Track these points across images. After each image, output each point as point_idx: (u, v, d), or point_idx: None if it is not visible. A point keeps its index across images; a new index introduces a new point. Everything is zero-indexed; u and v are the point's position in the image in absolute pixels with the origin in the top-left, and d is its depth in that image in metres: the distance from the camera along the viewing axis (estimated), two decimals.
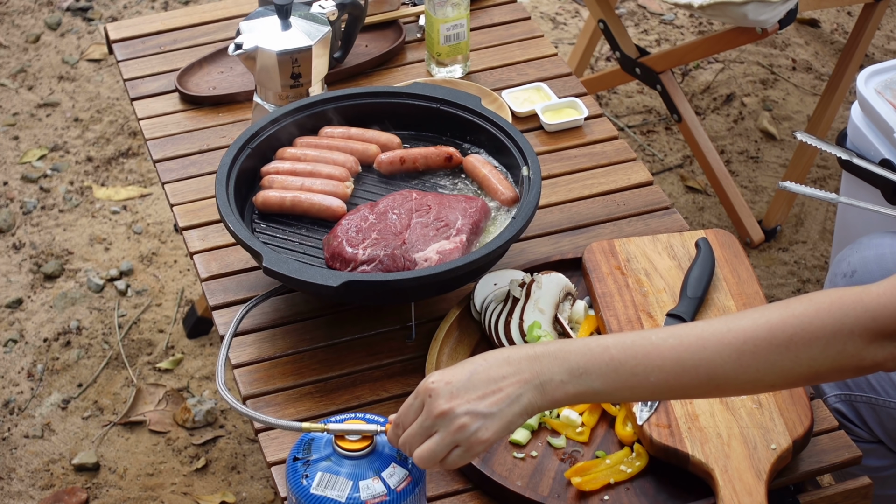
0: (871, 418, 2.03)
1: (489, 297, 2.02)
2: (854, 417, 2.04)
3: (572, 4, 4.14)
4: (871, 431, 2.05)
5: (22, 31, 4.05)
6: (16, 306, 3.19)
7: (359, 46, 2.60)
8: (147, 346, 3.09)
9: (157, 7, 4.15)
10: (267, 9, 2.33)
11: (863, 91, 2.63)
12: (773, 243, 3.34)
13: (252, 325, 2.07)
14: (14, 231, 3.39)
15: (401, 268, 1.99)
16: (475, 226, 2.06)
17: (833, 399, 2.04)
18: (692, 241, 2.09)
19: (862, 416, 2.04)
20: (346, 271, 1.97)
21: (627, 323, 1.96)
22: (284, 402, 1.96)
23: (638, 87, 3.82)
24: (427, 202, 2.09)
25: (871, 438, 2.06)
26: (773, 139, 3.64)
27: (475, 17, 2.67)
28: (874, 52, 3.92)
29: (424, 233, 2.04)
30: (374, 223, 2.05)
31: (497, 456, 1.85)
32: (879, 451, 2.07)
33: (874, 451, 2.06)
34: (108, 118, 3.72)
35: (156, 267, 3.28)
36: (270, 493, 2.78)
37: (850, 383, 2.02)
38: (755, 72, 3.86)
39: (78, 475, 2.83)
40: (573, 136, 2.41)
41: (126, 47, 2.65)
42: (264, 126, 2.19)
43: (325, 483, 1.64)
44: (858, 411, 2.03)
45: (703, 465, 1.77)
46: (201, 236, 2.23)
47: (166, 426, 2.92)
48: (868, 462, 2.06)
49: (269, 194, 2.11)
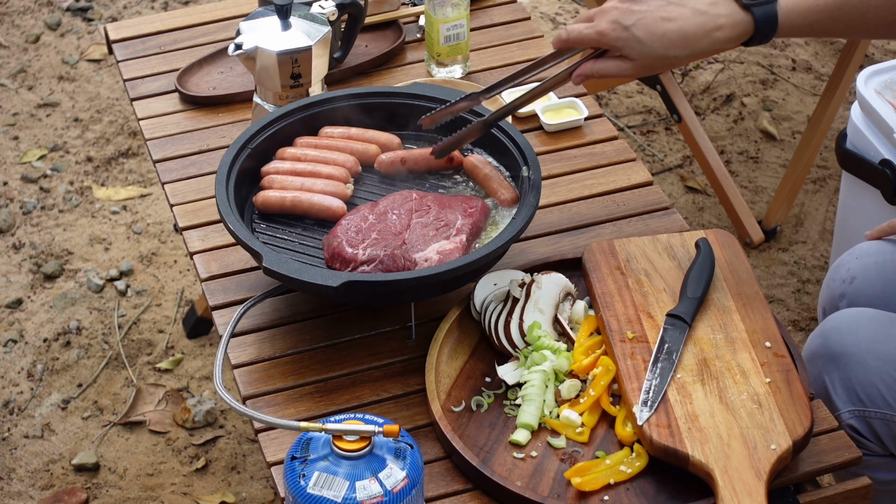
0: (885, 434, 2.03)
1: (489, 297, 2.02)
2: (868, 433, 2.03)
3: (572, 4, 4.14)
4: (885, 446, 2.05)
5: (22, 31, 4.05)
6: (16, 306, 3.19)
7: (359, 46, 2.60)
8: (147, 346, 3.09)
9: (157, 7, 4.15)
10: (267, 9, 2.33)
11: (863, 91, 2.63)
12: (772, 243, 3.34)
13: (252, 325, 2.07)
14: (14, 231, 3.39)
15: (401, 268, 1.99)
16: (475, 226, 2.06)
17: (847, 415, 2.04)
18: (692, 241, 2.09)
19: (875, 432, 2.03)
20: (347, 271, 1.97)
21: (627, 323, 1.96)
22: (284, 402, 1.96)
23: (638, 87, 3.82)
24: (427, 202, 2.09)
25: (883, 452, 2.05)
26: (773, 139, 3.64)
27: (475, 17, 2.67)
28: (874, 52, 3.92)
29: (424, 233, 2.04)
30: (374, 223, 2.05)
31: (497, 456, 1.85)
32: (892, 465, 2.07)
33: (886, 464, 2.06)
34: (108, 118, 3.72)
35: (156, 267, 3.28)
36: (270, 493, 2.78)
37: (864, 399, 2.01)
38: (755, 72, 3.86)
39: (78, 475, 2.83)
40: (573, 136, 2.41)
41: (126, 47, 2.65)
42: (264, 126, 2.19)
43: (321, 483, 1.64)
44: (872, 427, 2.03)
45: (703, 466, 1.77)
46: (201, 236, 2.23)
47: (166, 426, 2.92)
48: (880, 476, 2.05)
49: (270, 194, 2.11)
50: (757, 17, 1.86)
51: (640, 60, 1.89)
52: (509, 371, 1.95)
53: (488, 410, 1.92)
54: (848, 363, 2.03)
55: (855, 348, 2.03)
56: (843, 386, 2.03)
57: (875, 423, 2.02)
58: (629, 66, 1.90)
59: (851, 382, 2.02)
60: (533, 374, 1.92)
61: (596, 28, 1.89)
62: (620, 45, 1.87)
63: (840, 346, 2.05)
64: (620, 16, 1.87)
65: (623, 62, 1.90)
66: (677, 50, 1.87)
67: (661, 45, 1.86)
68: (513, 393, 1.94)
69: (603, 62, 1.92)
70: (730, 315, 1.97)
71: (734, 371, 1.88)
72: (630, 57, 1.89)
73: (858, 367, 2.02)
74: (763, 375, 1.88)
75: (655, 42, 1.86)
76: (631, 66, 1.90)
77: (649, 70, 1.90)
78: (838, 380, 2.03)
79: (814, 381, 2.07)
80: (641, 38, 1.86)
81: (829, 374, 2.04)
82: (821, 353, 2.06)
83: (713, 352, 1.91)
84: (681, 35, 1.86)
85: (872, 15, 1.85)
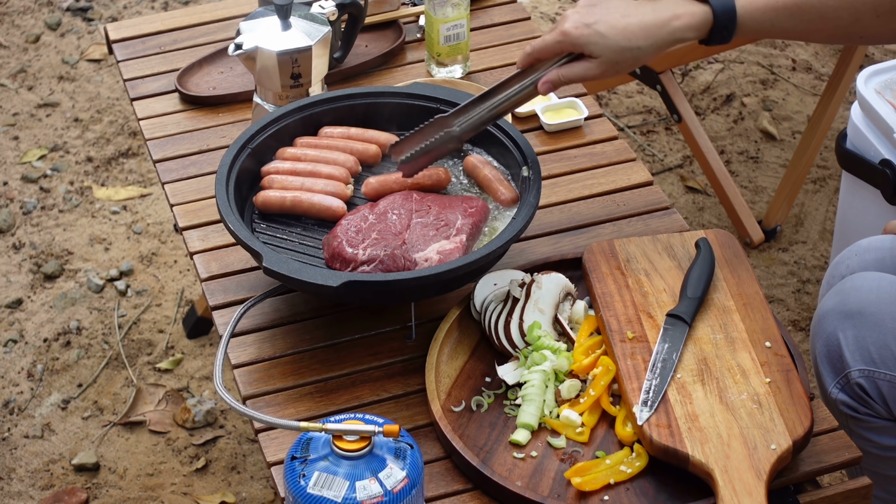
0: (891, 397, 2.04)
1: (489, 297, 2.02)
2: (875, 394, 2.04)
3: (572, 5, 4.14)
4: (889, 410, 2.05)
5: (22, 31, 4.05)
6: (16, 306, 3.19)
7: (359, 46, 2.60)
8: (147, 346, 3.09)
9: (157, 7, 4.15)
10: (267, 9, 2.33)
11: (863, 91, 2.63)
12: (772, 243, 3.34)
13: (252, 325, 2.07)
14: (14, 231, 3.39)
15: (401, 268, 1.99)
16: (475, 226, 2.06)
17: (856, 374, 2.04)
18: (692, 241, 2.09)
19: (882, 394, 2.04)
20: (347, 271, 1.97)
21: (627, 323, 1.96)
22: (284, 402, 1.96)
23: (638, 87, 3.82)
24: (427, 202, 2.09)
25: (887, 416, 2.06)
26: (773, 139, 3.64)
27: (475, 17, 2.67)
28: (874, 52, 3.92)
29: (424, 233, 2.04)
30: (374, 223, 2.05)
31: (497, 456, 1.85)
32: (894, 430, 2.08)
33: (889, 429, 2.07)
34: (108, 118, 3.72)
35: (156, 267, 3.28)
36: (270, 493, 2.78)
37: (876, 360, 2.02)
38: (755, 72, 3.86)
39: (78, 475, 2.83)
40: (573, 136, 2.41)
41: (126, 47, 2.65)
42: (264, 126, 2.19)
43: (321, 483, 1.64)
44: (879, 388, 2.03)
45: (703, 466, 1.77)
46: (201, 236, 2.23)
47: (166, 426, 2.92)
48: (882, 440, 2.06)
49: (270, 194, 2.11)
50: (715, 8, 1.95)
51: (604, 56, 1.96)
52: (509, 371, 1.95)
53: (488, 410, 1.92)
54: (865, 322, 2.04)
55: (874, 308, 2.05)
56: (856, 344, 2.04)
57: (883, 386, 2.03)
58: (594, 64, 1.97)
59: (866, 342, 2.03)
60: (533, 374, 1.92)
61: (559, 29, 1.97)
62: (584, 41, 1.95)
63: (858, 304, 2.06)
64: (582, 17, 1.96)
65: (588, 62, 1.98)
66: (639, 41, 1.95)
67: (624, 37, 1.94)
68: (513, 393, 1.94)
69: (568, 67, 1.99)
70: (730, 315, 1.97)
71: (734, 371, 1.88)
72: (594, 54, 1.96)
73: (875, 328, 2.03)
74: (763, 375, 1.88)
75: (618, 35, 1.94)
76: (596, 65, 1.97)
77: (615, 67, 1.97)
78: (852, 337, 2.04)
79: (826, 339, 2.07)
80: (604, 33, 1.94)
81: (843, 331, 2.05)
82: (837, 310, 2.07)
83: (713, 352, 1.91)
84: (641, 26, 1.95)
85: (832, 16, 1.93)
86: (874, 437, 2.06)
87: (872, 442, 2.07)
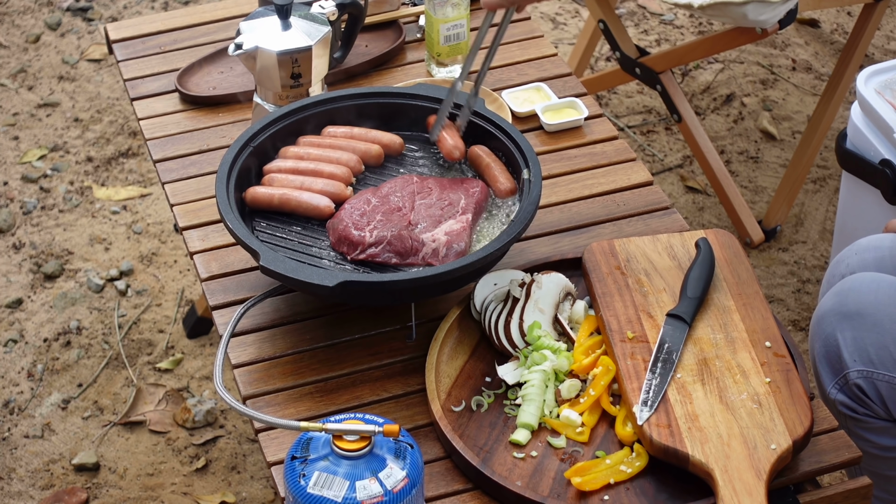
0: (890, 398, 2.04)
1: (489, 297, 2.02)
2: (873, 395, 2.04)
3: (572, 4, 4.14)
4: (888, 411, 2.05)
5: (22, 31, 4.05)
6: (16, 306, 3.19)
7: (359, 46, 2.60)
8: (147, 346, 3.09)
9: (157, 7, 4.15)
10: (267, 9, 2.33)
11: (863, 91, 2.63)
12: (772, 243, 3.34)
13: (252, 325, 2.07)
14: (14, 231, 3.39)
15: (409, 248, 1.99)
16: (478, 205, 2.07)
17: (854, 374, 2.04)
18: (692, 241, 2.09)
19: (881, 395, 2.04)
20: (354, 255, 1.98)
21: (627, 323, 1.96)
22: (284, 402, 1.96)
23: (638, 88, 3.82)
24: (428, 185, 2.11)
25: (886, 417, 2.06)
26: (773, 139, 3.64)
27: (475, 17, 2.67)
28: (874, 52, 3.92)
29: (430, 213, 2.05)
30: (377, 206, 2.06)
31: (497, 456, 1.85)
32: (893, 431, 2.08)
33: (888, 430, 2.07)
34: (108, 118, 3.72)
35: (156, 267, 3.28)
36: (270, 493, 2.78)
37: (875, 360, 2.02)
38: (755, 72, 3.86)
39: (78, 475, 2.83)
40: (573, 136, 2.41)
41: (126, 47, 2.65)
42: (264, 126, 2.19)
43: (321, 483, 1.64)
44: (878, 390, 2.04)
45: (703, 465, 1.77)
46: (201, 236, 2.23)
47: (166, 426, 2.92)
48: (881, 440, 2.06)
49: (259, 191, 2.11)
50: None
51: None
52: (509, 371, 1.95)
53: (488, 410, 1.92)
54: (864, 323, 2.04)
55: (872, 309, 2.05)
56: (855, 345, 2.04)
57: (881, 387, 2.03)
58: None
59: (864, 342, 2.03)
60: (533, 373, 1.92)
61: None
62: None
63: (857, 305, 2.06)
64: None
65: None
66: None
67: None
68: (513, 393, 1.94)
69: None
70: (730, 315, 1.97)
71: (734, 371, 1.89)
72: None
73: (874, 328, 2.03)
74: (763, 375, 1.88)
75: None
76: None
77: None
78: (851, 338, 2.04)
79: (825, 340, 2.07)
80: None
81: (842, 331, 2.05)
82: (836, 311, 2.07)
83: (713, 352, 1.91)
84: None
85: None
86: (873, 438, 2.06)
87: (871, 442, 2.07)
